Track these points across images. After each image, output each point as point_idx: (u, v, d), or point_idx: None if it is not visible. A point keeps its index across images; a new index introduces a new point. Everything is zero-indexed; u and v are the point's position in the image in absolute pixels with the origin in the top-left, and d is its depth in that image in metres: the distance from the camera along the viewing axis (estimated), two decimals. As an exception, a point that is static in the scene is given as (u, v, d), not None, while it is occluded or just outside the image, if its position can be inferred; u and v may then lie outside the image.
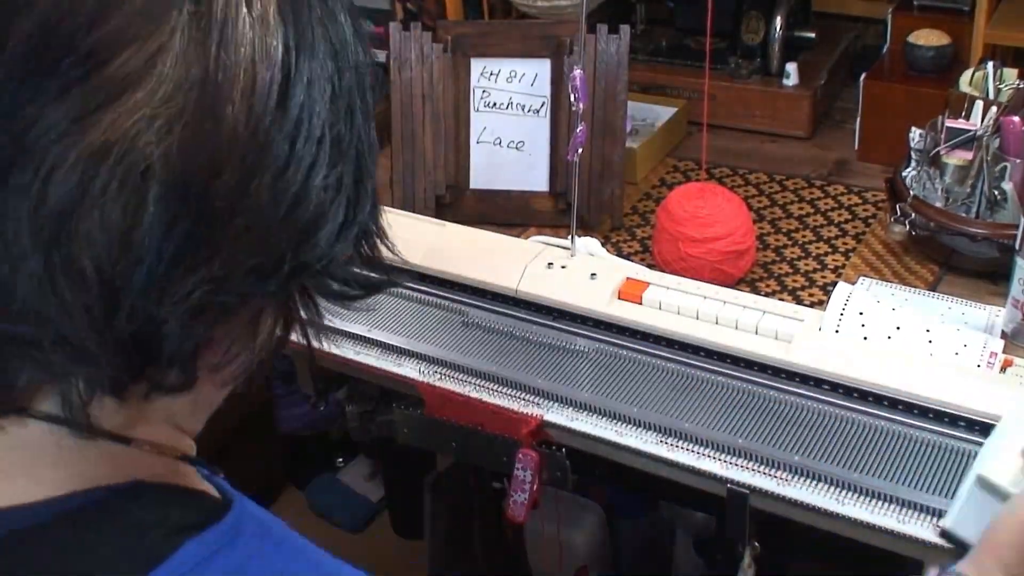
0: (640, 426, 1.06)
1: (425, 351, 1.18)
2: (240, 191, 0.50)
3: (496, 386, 1.13)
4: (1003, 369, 1.06)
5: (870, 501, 0.96)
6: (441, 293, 1.27)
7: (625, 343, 1.17)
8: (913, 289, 1.21)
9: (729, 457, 1.01)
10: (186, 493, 0.62)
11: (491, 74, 1.50)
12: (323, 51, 0.54)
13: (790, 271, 1.37)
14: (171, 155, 0.48)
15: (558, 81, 1.47)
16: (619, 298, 1.18)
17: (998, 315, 1.14)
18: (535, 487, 1.12)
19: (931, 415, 1.02)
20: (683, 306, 1.14)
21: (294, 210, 0.52)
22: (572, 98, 1.16)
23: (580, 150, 1.19)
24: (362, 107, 0.58)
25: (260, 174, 0.51)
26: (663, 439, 1.05)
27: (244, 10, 0.51)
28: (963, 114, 1.32)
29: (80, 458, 0.57)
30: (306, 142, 0.52)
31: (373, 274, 0.63)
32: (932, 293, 1.22)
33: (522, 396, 1.11)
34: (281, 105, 0.51)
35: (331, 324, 1.32)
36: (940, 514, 0.93)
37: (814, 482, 0.98)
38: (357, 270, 0.62)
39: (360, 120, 0.57)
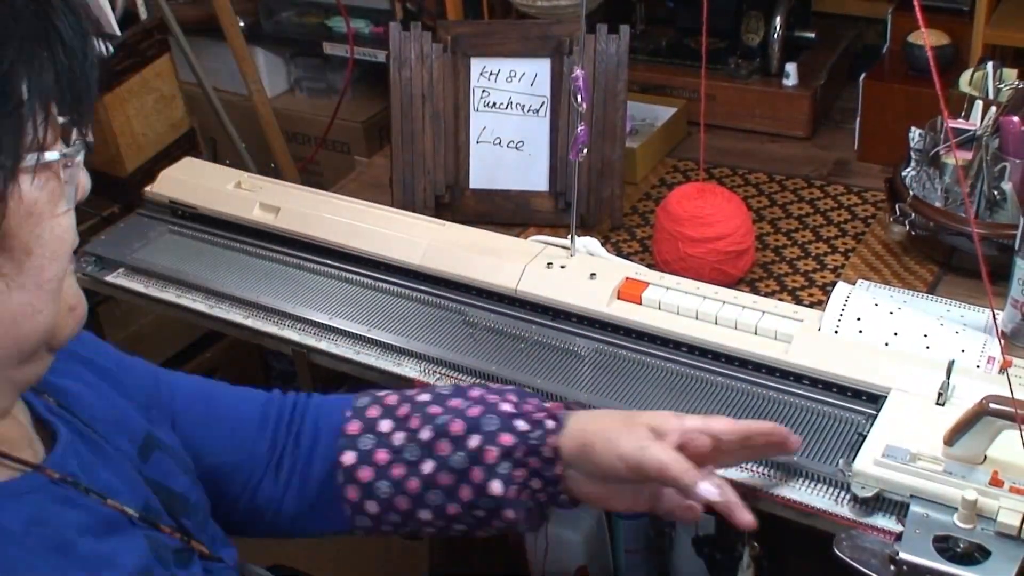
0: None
1: (425, 351, 1.18)
2: None
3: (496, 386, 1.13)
4: (1002, 370, 1.06)
5: (870, 501, 0.95)
6: (441, 293, 1.27)
7: (624, 343, 1.17)
8: (912, 292, 1.21)
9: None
10: None
11: (491, 74, 1.50)
12: None
13: (790, 271, 1.37)
14: None
15: (558, 81, 1.47)
16: (619, 298, 1.18)
17: (998, 314, 1.14)
18: None
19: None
20: (682, 306, 1.15)
21: None
22: (577, 98, 1.15)
23: (585, 150, 1.19)
24: None
25: None
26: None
27: None
28: (962, 114, 1.32)
29: None
30: None
31: None
32: (931, 296, 1.21)
33: (522, 396, 1.11)
34: None
35: (331, 324, 1.32)
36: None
37: (813, 482, 0.98)
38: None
39: None
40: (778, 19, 1.69)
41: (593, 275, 1.20)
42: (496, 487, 0.91)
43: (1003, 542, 0.87)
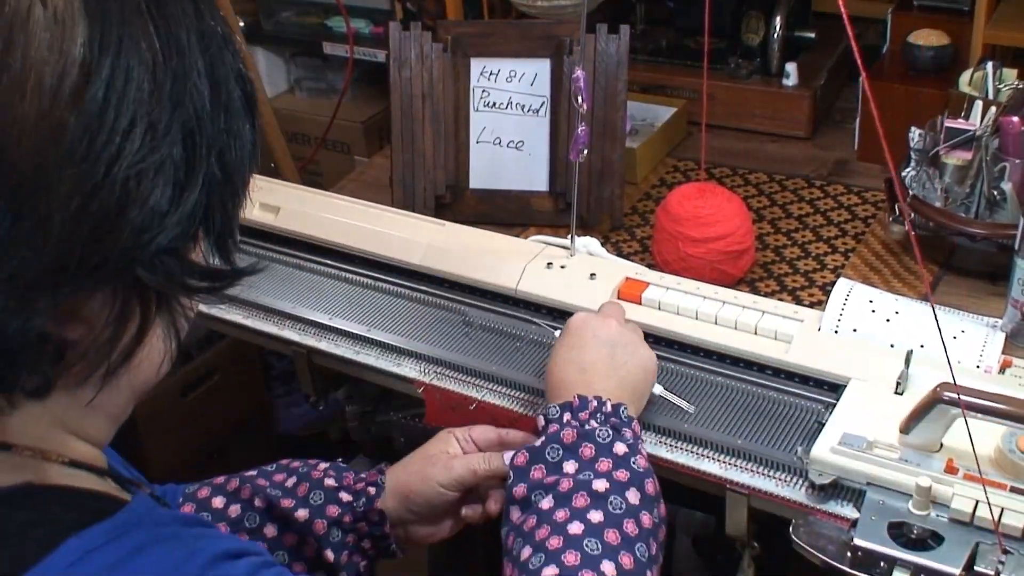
0: (639, 427, 1.06)
1: (425, 351, 1.18)
2: (37, 181, 0.52)
3: (495, 386, 1.13)
4: (1002, 370, 1.06)
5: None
6: (441, 293, 1.27)
7: (625, 343, 1.17)
8: (911, 298, 1.21)
9: (729, 457, 1.02)
10: (76, 494, 0.62)
11: (491, 74, 1.50)
12: (143, 44, 0.54)
13: (790, 271, 1.37)
14: None
15: (558, 81, 1.47)
16: (619, 298, 1.18)
17: (995, 324, 1.14)
18: None
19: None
20: (682, 306, 1.15)
21: (94, 198, 0.53)
22: (578, 99, 1.15)
23: (585, 151, 1.19)
24: (212, 96, 0.57)
25: (57, 166, 0.52)
26: (662, 440, 1.05)
27: (39, 12, 0.52)
28: (962, 114, 1.32)
29: None
30: (109, 134, 0.53)
31: (222, 266, 0.62)
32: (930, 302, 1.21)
33: (522, 396, 1.12)
34: (76, 100, 0.52)
35: (331, 324, 1.32)
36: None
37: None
38: (201, 261, 0.61)
39: (199, 109, 0.57)
40: (778, 19, 1.69)
41: (593, 275, 1.20)
42: (329, 555, 0.99)
43: (956, 528, 0.88)
